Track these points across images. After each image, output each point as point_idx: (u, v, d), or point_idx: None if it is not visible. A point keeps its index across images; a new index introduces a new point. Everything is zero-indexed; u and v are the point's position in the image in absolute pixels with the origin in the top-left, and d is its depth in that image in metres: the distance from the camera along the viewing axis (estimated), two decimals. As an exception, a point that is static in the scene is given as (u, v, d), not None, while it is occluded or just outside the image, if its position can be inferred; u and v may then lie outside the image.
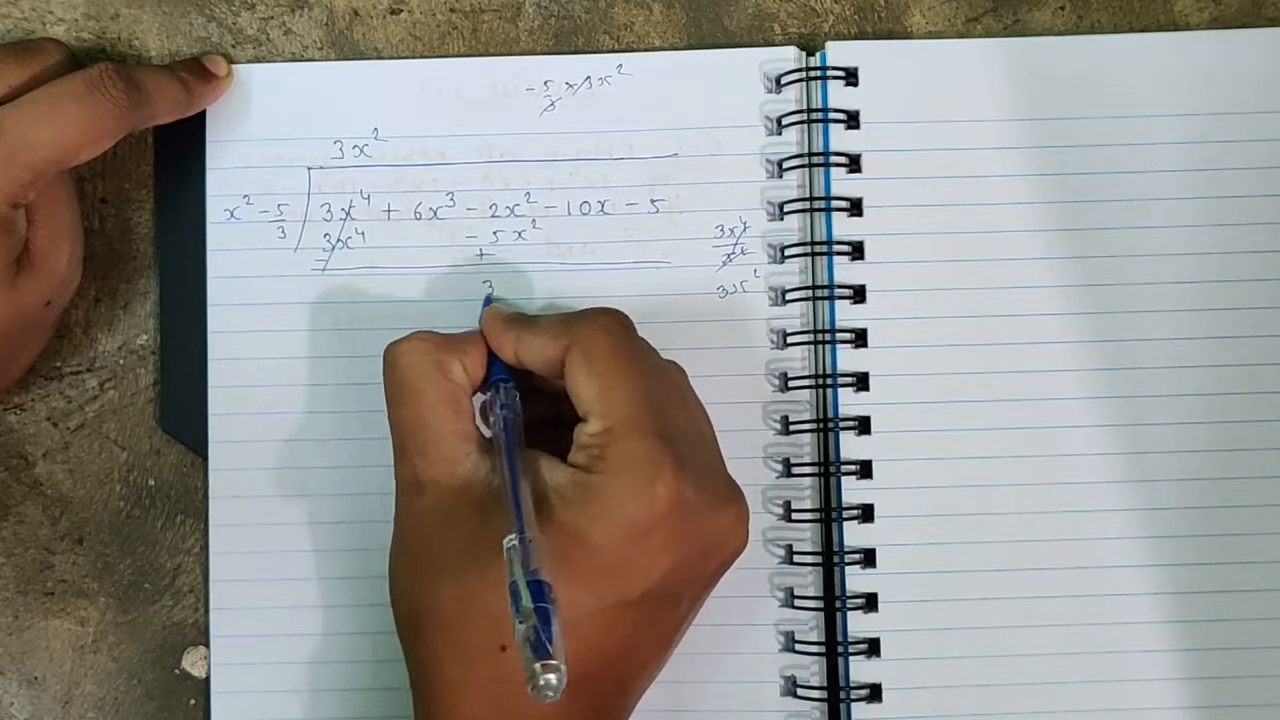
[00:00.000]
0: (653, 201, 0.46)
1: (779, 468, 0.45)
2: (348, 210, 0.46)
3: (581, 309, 0.42)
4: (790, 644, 0.45)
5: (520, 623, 0.34)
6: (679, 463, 0.38)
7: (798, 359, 0.45)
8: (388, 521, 0.41)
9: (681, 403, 0.41)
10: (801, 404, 0.45)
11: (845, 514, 0.45)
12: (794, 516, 0.45)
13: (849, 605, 0.45)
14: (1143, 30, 0.46)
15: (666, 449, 0.38)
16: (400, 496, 0.40)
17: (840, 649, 0.45)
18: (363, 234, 0.46)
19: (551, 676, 0.33)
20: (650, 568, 0.38)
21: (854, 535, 0.45)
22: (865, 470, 0.45)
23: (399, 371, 0.40)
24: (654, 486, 0.37)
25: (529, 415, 0.41)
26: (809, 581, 0.45)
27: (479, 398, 0.41)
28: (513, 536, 0.36)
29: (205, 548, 0.46)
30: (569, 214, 0.46)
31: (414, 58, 0.47)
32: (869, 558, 0.45)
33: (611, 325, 0.40)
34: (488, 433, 0.40)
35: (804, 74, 0.46)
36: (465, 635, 0.38)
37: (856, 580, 0.45)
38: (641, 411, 0.38)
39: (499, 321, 0.42)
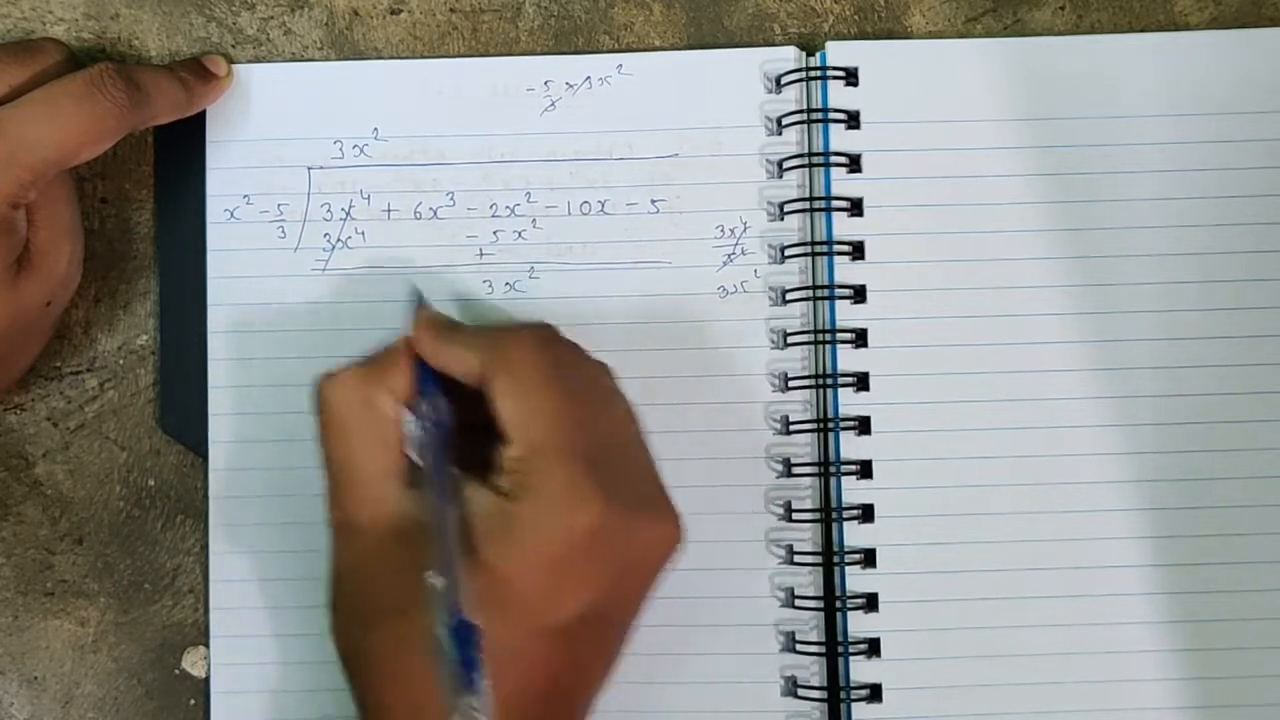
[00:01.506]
0: (653, 201, 0.46)
1: (779, 468, 0.45)
2: (348, 210, 0.46)
3: (510, 323, 0.41)
4: (790, 644, 0.45)
5: (444, 668, 0.34)
6: (601, 488, 0.37)
7: (798, 359, 0.45)
8: (388, 521, 0.41)
9: (606, 411, 0.41)
10: (801, 404, 0.45)
11: (845, 514, 0.45)
12: (794, 516, 0.45)
13: (849, 605, 0.45)
14: (1143, 30, 0.46)
15: (586, 474, 0.37)
16: (334, 536, 0.40)
17: (840, 649, 0.45)
18: (363, 234, 0.46)
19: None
20: (578, 593, 0.37)
21: (854, 535, 0.45)
22: (865, 470, 0.45)
23: (328, 410, 0.40)
24: (574, 517, 0.37)
25: (465, 417, 0.40)
26: (809, 581, 0.45)
27: (410, 418, 0.40)
28: (435, 575, 0.35)
29: (205, 548, 0.46)
30: (569, 214, 0.46)
31: (414, 58, 0.47)
32: (869, 558, 0.45)
33: (535, 341, 0.40)
34: (418, 457, 0.40)
35: (804, 74, 0.46)
36: (407, 669, 0.37)
37: (856, 580, 0.45)
38: (562, 435, 0.38)
39: (427, 328, 0.41)
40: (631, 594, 0.40)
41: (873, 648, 0.45)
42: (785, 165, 0.46)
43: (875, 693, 0.45)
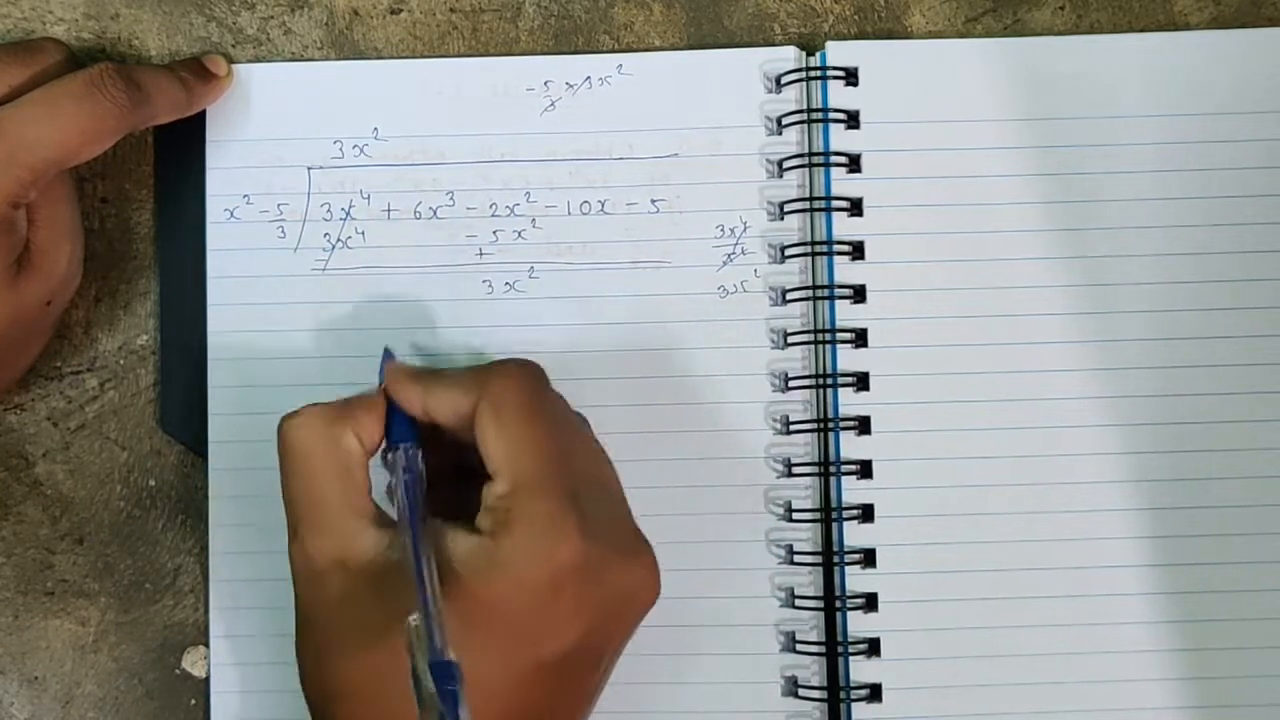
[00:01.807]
0: (653, 201, 0.46)
1: (779, 468, 0.45)
2: (348, 210, 0.46)
3: (493, 361, 0.41)
4: (790, 644, 0.45)
5: (423, 705, 0.33)
6: (582, 522, 0.37)
7: (798, 359, 0.45)
8: (387, 521, 0.41)
9: (589, 456, 0.41)
10: (801, 404, 0.45)
11: (845, 514, 0.45)
12: (794, 516, 0.45)
13: (849, 605, 0.45)
14: (1142, 30, 0.46)
15: (570, 509, 0.37)
16: (297, 576, 0.39)
17: (840, 649, 0.45)
18: (363, 234, 0.46)
19: None
20: (562, 630, 0.37)
21: (854, 535, 0.45)
22: (865, 470, 0.45)
23: (290, 446, 0.39)
24: (556, 547, 0.37)
25: (435, 465, 0.40)
26: (809, 581, 0.45)
27: (376, 463, 0.40)
28: (416, 616, 0.35)
29: (205, 548, 0.46)
30: (569, 214, 0.46)
31: (414, 58, 0.47)
32: (869, 558, 0.45)
33: (523, 378, 0.40)
34: (389, 508, 0.39)
35: (804, 74, 0.46)
36: (378, 708, 0.37)
37: (856, 580, 0.45)
38: (548, 470, 0.38)
39: (405, 377, 0.41)
40: (612, 636, 0.39)
41: (873, 648, 0.45)
42: (785, 165, 0.46)
43: (875, 693, 0.45)
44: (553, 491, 0.38)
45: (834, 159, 0.46)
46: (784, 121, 0.46)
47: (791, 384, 0.45)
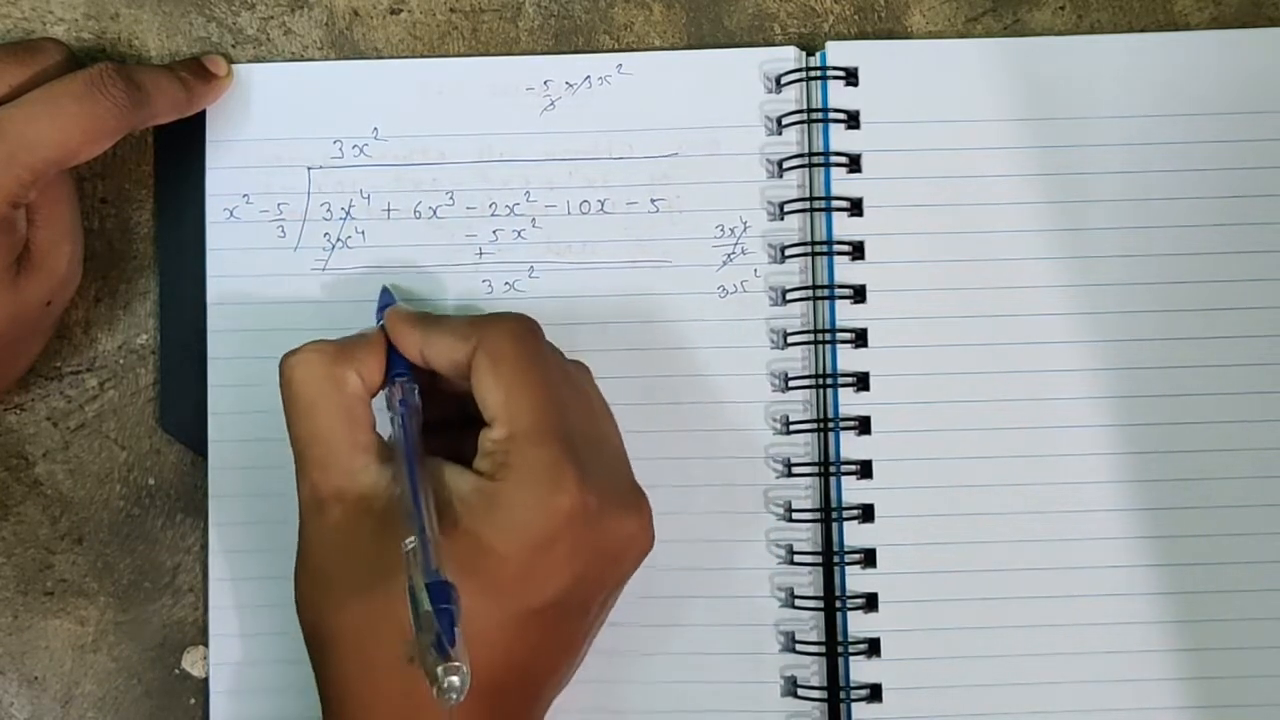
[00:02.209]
0: (653, 201, 0.46)
1: (779, 468, 0.45)
2: (348, 210, 0.46)
3: (490, 312, 0.42)
4: (790, 644, 0.45)
5: (420, 626, 0.33)
6: (581, 471, 0.38)
7: (798, 359, 0.45)
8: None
9: (586, 407, 0.41)
10: (801, 404, 0.45)
11: (845, 514, 0.45)
12: (794, 516, 0.45)
13: (849, 605, 0.45)
14: (1143, 30, 0.46)
15: (569, 457, 0.38)
16: (302, 514, 0.40)
17: (840, 649, 0.45)
18: (363, 233, 0.46)
19: (454, 678, 0.32)
20: (555, 576, 0.38)
21: (854, 535, 0.45)
22: (865, 470, 0.45)
23: (293, 385, 0.40)
24: (556, 496, 0.37)
25: (432, 415, 0.40)
26: (809, 581, 0.45)
27: (380, 400, 0.41)
28: (412, 539, 0.35)
29: (205, 547, 0.46)
30: (569, 213, 0.46)
31: (414, 58, 0.47)
32: (869, 558, 0.45)
33: (519, 329, 0.40)
34: (389, 438, 0.40)
35: (804, 74, 0.46)
36: (371, 650, 0.37)
37: (856, 580, 0.45)
38: (545, 418, 0.38)
39: (404, 321, 0.41)
40: (602, 586, 0.40)
41: (873, 648, 0.45)
42: (785, 165, 0.46)
43: (875, 693, 0.45)
44: (551, 440, 0.38)
45: (834, 159, 0.46)
46: (784, 121, 0.46)
47: (791, 384, 0.45)
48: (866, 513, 0.45)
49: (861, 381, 0.45)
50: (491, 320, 0.40)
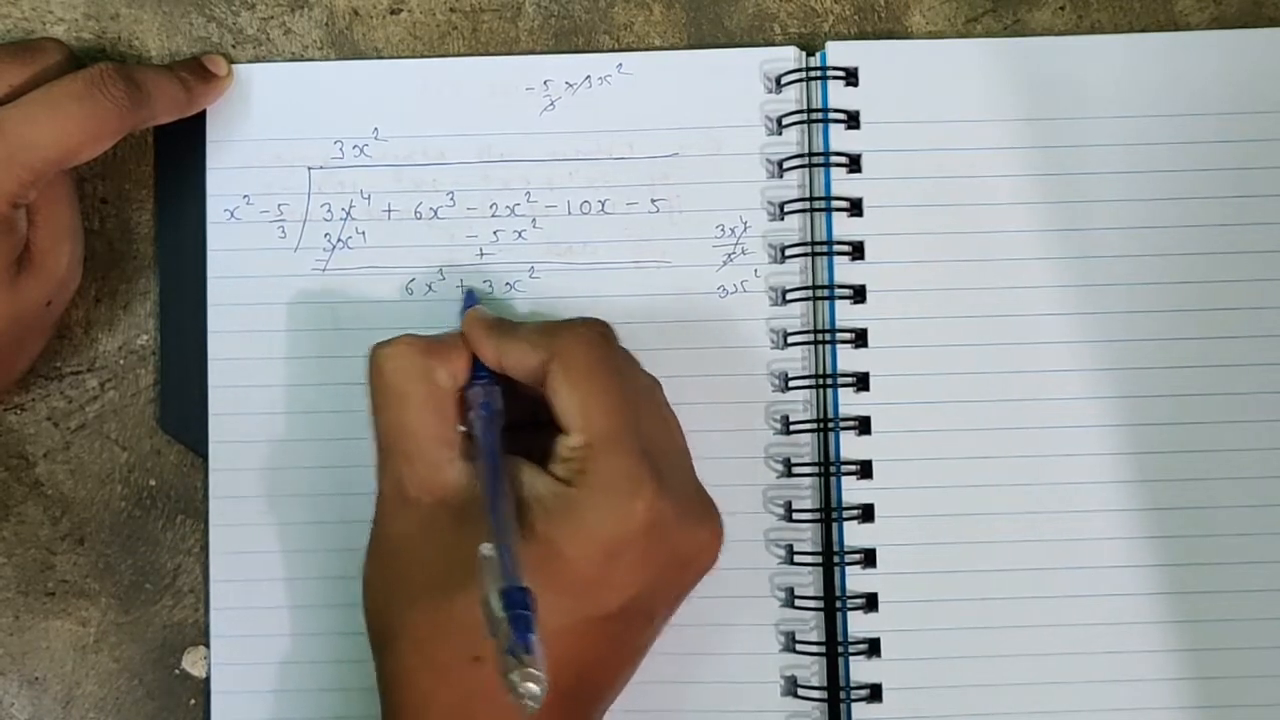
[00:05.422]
0: (653, 201, 0.46)
1: (779, 468, 0.45)
2: (348, 210, 0.46)
3: (565, 318, 0.42)
4: (790, 644, 0.45)
5: (497, 632, 0.33)
6: (658, 480, 0.38)
7: (798, 359, 0.45)
8: (388, 521, 0.41)
9: (659, 418, 0.41)
10: (801, 404, 0.45)
11: (845, 514, 0.45)
12: (794, 516, 0.45)
13: (849, 605, 0.45)
14: (1143, 30, 0.46)
15: (646, 466, 0.38)
16: (382, 505, 0.40)
17: (840, 649, 0.45)
18: (363, 234, 0.46)
19: (532, 685, 0.32)
20: (626, 584, 0.38)
21: (854, 535, 0.45)
22: (865, 470, 0.45)
23: (384, 376, 0.40)
24: (633, 504, 0.37)
25: (511, 416, 0.41)
26: (809, 581, 0.45)
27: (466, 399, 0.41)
28: (490, 545, 0.35)
29: (205, 548, 0.46)
30: (569, 214, 0.46)
31: (414, 57, 0.47)
32: (869, 558, 0.45)
33: (593, 336, 0.40)
34: (473, 435, 0.40)
35: (804, 74, 0.46)
36: (439, 646, 0.37)
37: (856, 580, 0.45)
38: (622, 427, 0.38)
39: (481, 327, 0.41)
40: (667, 596, 0.40)
41: (873, 648, 0.45)
42: (785, 165, 0.46)
43: (875, 693, 0.45)
44: (629, 449, 0.38)
45: (834, 159, 0.46)
46: (784, 121, 0.46)
47: (791, 384, 0.45)
48: (866, 513, 0.45)
49: (861, 381, 0.45)
50: (565, 327, 0.41)
